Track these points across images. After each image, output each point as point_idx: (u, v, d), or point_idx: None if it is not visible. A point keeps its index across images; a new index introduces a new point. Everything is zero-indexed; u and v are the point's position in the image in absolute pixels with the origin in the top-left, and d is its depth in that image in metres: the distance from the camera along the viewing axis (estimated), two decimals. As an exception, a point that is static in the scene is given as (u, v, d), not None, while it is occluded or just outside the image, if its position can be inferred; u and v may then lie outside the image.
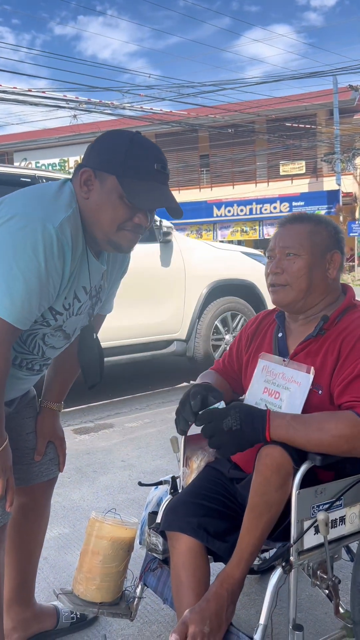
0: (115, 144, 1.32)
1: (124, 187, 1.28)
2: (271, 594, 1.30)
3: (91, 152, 1.35)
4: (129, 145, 1.31)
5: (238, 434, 1.34)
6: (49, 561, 2.20)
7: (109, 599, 1.60)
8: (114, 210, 1.31)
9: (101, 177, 1.30)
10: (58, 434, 1.67)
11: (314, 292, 1.51)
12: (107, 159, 1.30)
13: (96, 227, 1.33)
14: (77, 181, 1.33)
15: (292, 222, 1.55)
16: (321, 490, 1.36)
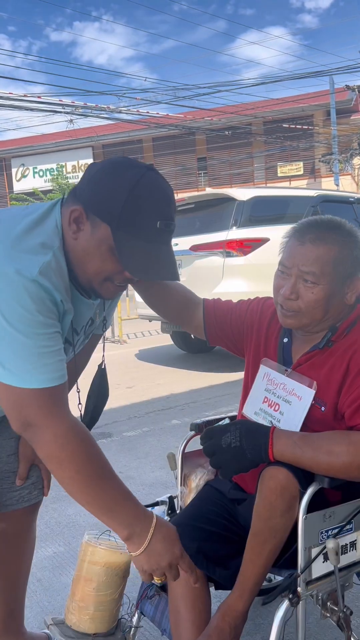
0: (115, 187, 1.12)
1: (117, 244, 1.12)
2: (277, 629, 1.20)
3: (87, 186, 1.15)
4: (131, 192, 1.11)
5: (238, 452, 1.23)
6: (43, 583, 2.09)
7: (104, 629, 1.50)
8: (102, 262, 1.16)
9: (93, 221, 1.13)
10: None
11: (329, 318, 1.37)
12: (104, 204, 1.12)
13: (80, 271, 1.18)
14: (67, 215, 1.16)
15: (314, 241, 1.33)
16: (330, 514, 1.26)
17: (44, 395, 1.09)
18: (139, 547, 1.17)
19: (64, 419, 1.13)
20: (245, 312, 1.59)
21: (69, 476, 1.12)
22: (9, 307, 1.05)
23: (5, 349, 1.06)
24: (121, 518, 1.15)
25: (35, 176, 29.37)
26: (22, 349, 1.06)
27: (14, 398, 1.09)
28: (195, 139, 26.27)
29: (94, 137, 26.01)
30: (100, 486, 1.14)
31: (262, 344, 1.54)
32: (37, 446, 1.13)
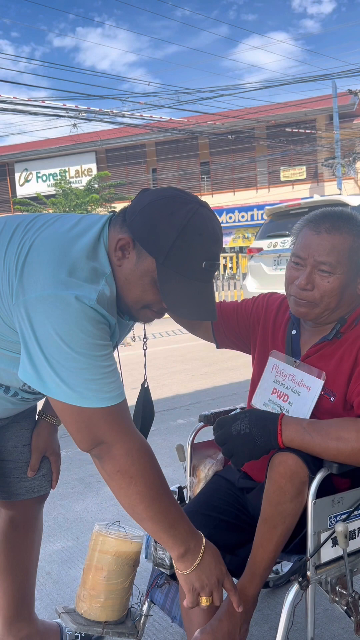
0: (167, 223, 1.13)
1: (160, 278, 1.14)
2: (287, 613, 1.21)
3: (139, 216, 1.16)
4: (182, 231, 1.12)
5: (248, 439, 1.25)
6: (52, 576, 2.11)
7: (114, 617, 1.52)
8: (143, 292, 1.18)
9: (139, 251, 1.15)
10: (54, 450, 1.59)
11: (341, 307, 1.39)
12: (153, 238, 1.14)
13: (122, 294, 1.20)
14: (114, 241, 1.17)
15: (330, 231, 1.35)
16: (338, 500, 1.28)
17: (113, 413, 1.12)
18: (191, 564, 1.18)
19: (135, 435, 1.16)
20: (252, 309, 1.61)
21: (138, 491, 1.13)
22: (70, 332, 1.06)
23: (70, 372, 1.08)
24: (180, 534, 1.17)
25: (38, 181, 29.49)
26: (87, 371, 1.08)
27: (84, 418, 1.11)
28: (198, 144, 26.36)
29: (97, 142, 26.12)
30: (164, 502, 1.16)
31: (269, 337, 1.56)
32: (106, 462, 1.14)
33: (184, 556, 1.18)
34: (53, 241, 1.14)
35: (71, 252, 1.13)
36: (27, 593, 1.61)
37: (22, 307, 1.08)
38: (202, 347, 7.58)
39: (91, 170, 28.00)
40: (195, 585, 1.19)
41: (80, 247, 1.14)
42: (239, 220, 26.46)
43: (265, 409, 1.47)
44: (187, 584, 1.19)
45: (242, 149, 25.99)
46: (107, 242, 1.18)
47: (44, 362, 1.07)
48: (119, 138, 26.59)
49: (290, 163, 25.86)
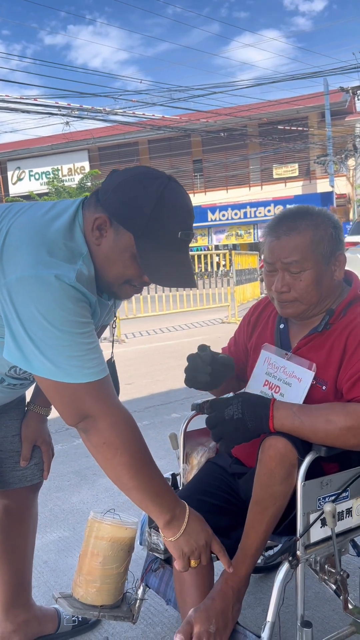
0: (141, 198, 1.17)
1: (140, 252, 1.18)
2: (278, 590, 1.26)
3: (112, 195, 1.20)
4: (156, 204, 1.17)
5: (240, 423, 1.29)
6: (49, 565, 2.15)
7: (110, 601, 1.55)
8: (124, 268, 1.22)
9: (117, 229, 1.19)
10: (45, 439, 1.61)
11: (325, 299, 1.44)
12: (128, 213, 1.18)
13: (101, 275, 1.24)
14: (90, 221, 1.20)
15: (287, 232, 1.39)
16: (327, 482, 1.32)
17: (96, 387, 1.16)
18: (178, 530, 1.23)
19: (119, 408, 1.20)
20: (247, 323, 1.69)
21: (123, 462, 1.18)
22: (51, 311, 1.10)
23: (53, 350, 1.12)
24: (165, 502, 1.22)
25: (31, 179, 29.43)
26: (69, 348, 1.12)
27: (69, 393, 1.15)
28: (190, 141, 26.38)
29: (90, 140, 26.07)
30: (149, 471, 1.21)
31: (258, 333, 1.61)
32: (93, 435, 1.18)
33: (170, 523, 1.22)
34: (29, 225, 1.19)
35: (48, 233, 1.16)
36: (24, 580, 1.64)
37: (4, 289, 1.12)
38: (196, 343, 7.60)
39: (84, 168, 27.96)
40: (184, 550, 1.23)
41: (57, 229, 1.18)
42: (232, 218, 26.51)
43: None
44: (177, 550, 1.24)
45: (235, 147, 26.02)
46: (83, 223, 1.22)
47: (28, 341, 1.11)
48: (112, 136, 26.58)
49: (282, 160, 25.94)
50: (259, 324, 1.65)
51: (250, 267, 12.29)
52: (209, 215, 26.60)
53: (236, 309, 10.22)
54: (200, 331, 9.05)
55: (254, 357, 1.59)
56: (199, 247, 25.66)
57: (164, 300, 9.68)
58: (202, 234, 27.17)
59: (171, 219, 1.19)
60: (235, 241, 26.48)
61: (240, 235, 26.66)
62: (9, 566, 1.60)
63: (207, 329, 9.26)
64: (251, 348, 1.63)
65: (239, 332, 1.71)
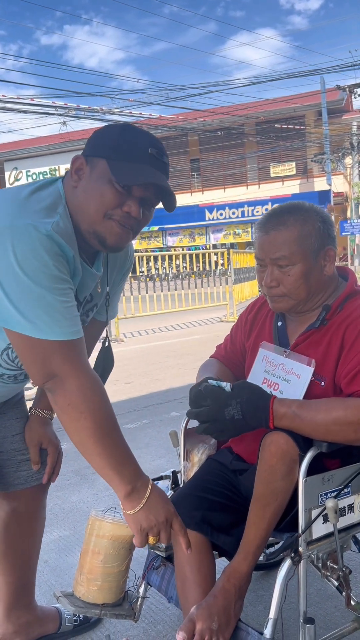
0: (108, 130, 1.26)
1: (112, 169, 1.19)
2: (280, 587, 1.25)
3: (87, 144, 1.27)
4: (122, 129, 1.24)
5: (240, 423, 1.29)
6: (50, 564, 2.14)
7: (112, 599, 1.55)
8: (102, 196, 1.20)
9: (92, 163, 1.22)
10: (51, 440, 1.58)
11: (314, 294, 1.44)
12: (99, 143, 1.24)
13: (82, 218, 1.23)
14: (70, 172, 1.25)
15: (275, 227, 1.41)
16: (328, 478, 1.32)
17: (68, 346, 1.15)
18: (138, 503, 1.20)
19: (88, 371, 1.19)
20: (245, 322, 1.68)
21: (87, 427, 1.16)
22: (27, 260, 1.10)
23: (27, 302, 1.11)
24: (127, 472, 1.20)
25: (28, 179, 29.38)
26: (43, 302, 1.12)
27: (39, 350, 1.14)
28: (188, 141, 26.36)
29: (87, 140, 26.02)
30: (113, 439, 1.19)
31: (257, 332, 1.61)
32: (59, 395, 1.17)
33: (130, 494, 1.20)
34: (6, 191, 1.23)
35: (23, 193, 1.20)
36: (27, 582, 1.63)
37: None
38: (194, 342, 7.62)
39: (81, 168, 27.90)
40: (143, 525, 1.20)
41: (32, 189, 1.21)
42: (230, 217, 26.51)
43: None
44: (135, 524, 1.21)
45: (232, 146, 26.02)
46: (63, 186, 1.25)
47: (1, 293, 1.11)
48: (109, 136, 26.50)
49: (279, 159, 25.93)
50: (256, 323, 1.64)
51: (248, 265, 12.30)
52: (207, 215, 26.60)
53: (234, 307, 10.22)
54: (199, 330, 9.05)
55: (252, 356, 1.58)
56: (197, 246, 25.66)
57: (162, 299, 9.67)
58: (200, 233, 27.16)
59: (139, 138, 1.24)
60: (233, 240, 26.48)
61: (238, 234, 26.65)
62: (14, 568, 1.58)
63: (206, 328, 9.25)
64: (249, 347, 1.62)
65: (236, 331, 1.70)
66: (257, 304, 1.68)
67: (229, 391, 1.33)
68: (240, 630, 1.30)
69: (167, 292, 10.14)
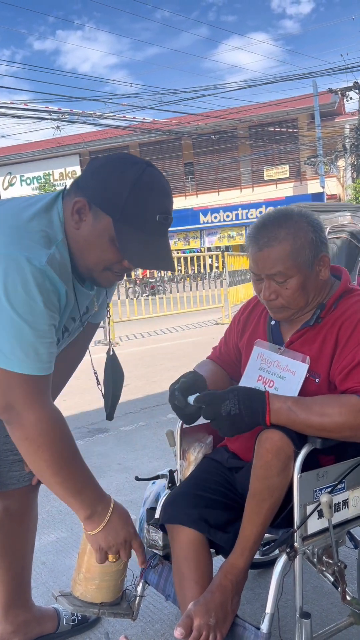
0: (119, 181, 1.18)
1: (118, 235, 1.19)
2: (277, 582, 1.27)
3: (91, 180, 1.21)
4: (133, 187, 1.18)
5: (237, 418, 1.31)
6: (48, 566, 2.15)
7: (110, 598, 1.56)
8: (103, 252, 1.22)
9: (95, 212, 1.20)
10: None
11: (312, 298, 1.46)
12: (107, 197, 1.18)
13: (81, 260, 1.25)
14: (69, 206, 1.22)
15: (268, 243, 1.40)
16: (323, 474, 1.33)
17: (32, 382, 1.16)
18: (97, 525, 1.26)
19: (47, 406, 1.20)
20: (237, 322, 1.70)
21: (44, 459, 1.19)
22: (16, 292, 1.10)
23: (3, 331, 1.11)
24: (87, 498, 1.24)
25: (22, 184, 29.39)
26: (20, 335, 1.12)
27: (2, 379, 1.15)
28: (181, 144, 26.42)
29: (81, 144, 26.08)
30: (72, 469, 1.22)
31: (250, 331, 1.63)
32: (15, 428, 1.18)
33: (90, 518, 1.25)
34: (8, 211, 1.22)
35: (23, 217, 1.19)
36: (23, 581, 1.64)
37: None
38: (190, 345, 7.63)
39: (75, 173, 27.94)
40: (101, 545, 1.27)
41: (32, 214, 1.20)
42: (224, 220, 26.58)
43: None
44: (94, 544, 1.28)
45: (226, 149, 26.12)
46: (62, 211, 1.23)
47: None
48: (103, 140, 26.59)
49: (273, 162, 26.04)
50: (249, 323, 1.66)
51: (243, 267, 12.33)
52: (201, 218, 26.66)
53: (229, 310, 10.24)
54: (194, 332, 9.06)
55: (247, 355, 1.60)
56: (192, 249, 25.68)
57: (158, 302, 9.69)
58: (194, 236, 27.21)
59: (149, 203, 1.19)
60: (228, 243, 26.54)
61: (232, 237, 26.72)
62: (9, 567, 1.59)
63: (201, 331, 9.27)
64: (243, 347, 1.64)
65: (229, 332, 1.72)
66: (250, 305, 1.70)
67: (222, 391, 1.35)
68: (238, 626, 1.31)
69: (163, 295, 10.16)
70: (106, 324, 1.65)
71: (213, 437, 1.69)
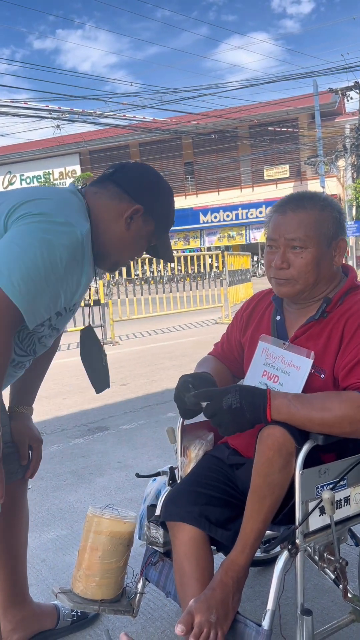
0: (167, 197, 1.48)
1: (158, 237, 1.48)
2: (278, 579, 1.26)
3: (142, 191, 1.42)
4: (173, 202, 1.50)
5: (238, 413, 1.30)
6: (48, 563, 2.14)
7: (110, 595, 1.56)
8: (140, 249, 1.47)
9: (145, 219, 1.43)
10: (35, 435, 1.60)
11: (321, 282, 1.45)
12: (158, 209, 1.45)
13: (116, 251, 1.43)
14: (122, 208, 1.39)
15: (295, 209, 1.42)
16: (324, 470, 1.33)
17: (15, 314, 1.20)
18: None
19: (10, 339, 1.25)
20: (240, 319, 1.70)
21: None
22: (52, 247, 1.20)
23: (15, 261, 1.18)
24: None
25: (22, 183, 29.38)
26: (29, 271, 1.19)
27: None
28: (181, 144, 26.42)
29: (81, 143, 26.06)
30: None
31: (254, 326, 1.62)
32: None
33: None
34: (39, 187, 1.44)
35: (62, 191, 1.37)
36: (18, 578, 1.62)
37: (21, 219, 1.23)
38: (190, 344, 7.63)
39: (75, 172, 27.95)
40: None
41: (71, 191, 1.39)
42: (224, 220, 26.58)
43: None
44: None
45: (226, 149, 26.11)
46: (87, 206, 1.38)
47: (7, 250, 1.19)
48: (103, 139, 26.59)
49: (273, 162, 26.04)
50: (253, 319, 1.65)
51: (243, 267, 12.32)
52: (201, 218, 26.66)
53: (229, 309, 10.24)
54: (194, 332, 9.06)
55: (250, 350, 1.59)
56: (192, 249, 25.67)
57: (158, 302, 9.68)
58: (194, 236, 27.22)
59: (171, 207, 1.50)
60: (227, 243, 26.54)
61: (232, 237, 26.72)
62: (4, 565, 1.58)
63: (201, 330, 9.27)
64: (246, 342, 1.64)
65: (231, 329, 1.72)
66: (253, 301, 1.70)
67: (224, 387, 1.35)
68: (239, 623, 1.31)
69: (162, 295, 10.15)
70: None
71: (214, 434, 1.69)
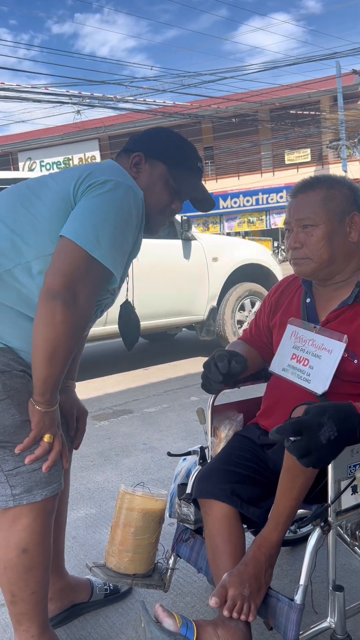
0: (167, 138, 1.47)
1: (174, 177, 1.44)
2: (310, 555, 1.28)
3: (139, 140, 1.47)
4: (180, 141, 1.48)
5: (339, 444, 1.19)
6: (78, 540, 2.20)
7: (142, 570, 1.60)
8: (161, 194, 1.44)
9: (151, 162, 1.43)
10: (83, 408, 1.66)
11: (337, 259, 1.46)
12: (160, 149, 1.44)
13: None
14: (125, 163, 1.44)
15: (303, 190, 1.47)
16: (357, 450, 1.34)
17: (98, 271, 1.28)
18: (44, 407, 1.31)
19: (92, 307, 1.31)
20: (267, 304, 1.71)
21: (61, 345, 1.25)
22: (124, 205, 1.29)
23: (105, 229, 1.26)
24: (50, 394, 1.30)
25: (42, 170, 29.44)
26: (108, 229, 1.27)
27: (80, 262, 1.25)
28: (201, 128, 26.20)
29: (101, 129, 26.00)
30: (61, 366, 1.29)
31: (283, 310, 1.62)
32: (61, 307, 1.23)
33: (42, 395, 1.29)
34: (101, 163, 1.45)
35: (115, 163, 1.44)
36: (58, 548, 1.68)
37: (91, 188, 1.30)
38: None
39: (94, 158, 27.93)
40: (46, 423, 1.31)
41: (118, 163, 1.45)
42: (244, 205, 26.37)
43: (285, 374, 1.52)
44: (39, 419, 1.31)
45: (246, 133, 25.82)
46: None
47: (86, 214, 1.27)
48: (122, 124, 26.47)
49: (294, 146, 25.69)
50: (281, 302, 1.66)
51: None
52: (221, 203, 26.49)
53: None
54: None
55: (279, 334, 1.60)
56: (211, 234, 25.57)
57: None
58: (214, 221, 27.08)
59: (191, 152, 1.49)
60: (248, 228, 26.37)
61: (253, 222, 26.53)
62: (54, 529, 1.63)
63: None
64: (274, 326, 1.64)
65: (259, 314, 1.73)
66: (282, 285, 1.70)
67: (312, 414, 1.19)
68: (271, 597, 1.34)
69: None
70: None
71: (243, 415, 1.71)
